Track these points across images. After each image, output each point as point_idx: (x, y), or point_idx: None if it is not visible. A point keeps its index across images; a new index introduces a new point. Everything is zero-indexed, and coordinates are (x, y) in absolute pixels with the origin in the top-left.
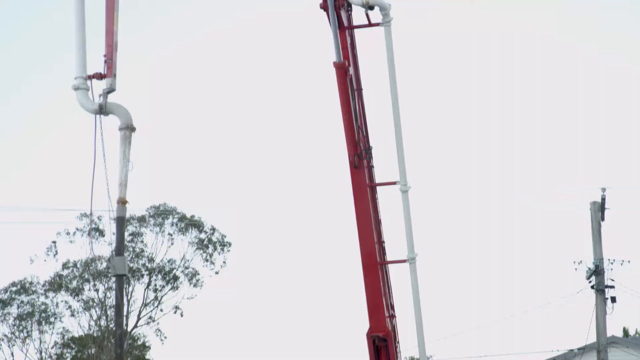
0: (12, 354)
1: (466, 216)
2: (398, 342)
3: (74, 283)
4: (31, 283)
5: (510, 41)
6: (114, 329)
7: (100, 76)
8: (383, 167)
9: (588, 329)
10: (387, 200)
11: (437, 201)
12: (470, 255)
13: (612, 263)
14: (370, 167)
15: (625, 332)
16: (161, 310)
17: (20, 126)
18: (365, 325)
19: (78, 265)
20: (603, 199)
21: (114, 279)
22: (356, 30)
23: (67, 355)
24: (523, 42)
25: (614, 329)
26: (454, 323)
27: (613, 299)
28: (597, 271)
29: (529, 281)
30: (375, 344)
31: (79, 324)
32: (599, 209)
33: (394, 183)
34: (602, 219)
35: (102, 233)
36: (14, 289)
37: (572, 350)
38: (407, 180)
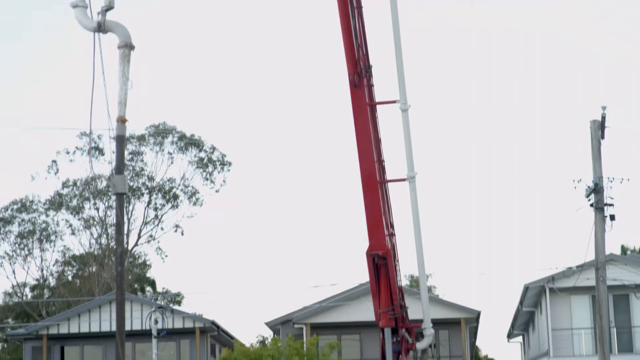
0: (13, 271)
1: (466, 135)
2: (398, 260)
3: (75, 201)
4: (32, 201)
5: None
6: (114, 247)
7: None
8: (383, 86)
9: (587, 247)
10: (387, 120)
11: (437, 120)
12: (470, 174)
13: (611, 181)
14: (370, 86)
15: (624, 249)
16: (162, 228)
17: (19, 45)
18: (365, 243)
19: (78, 184)
20: (603, 117)
21: (114, 197)
22: None
23: (69, 272)
24: None
25: (612, 247)
26: (453, 241)
27: (612, 217)
28: (596, 189)
29: (528, 199)
30: (375, 262)
31: (79, 242)
32: (599, 127)
33: (394, 102)
34: (602, 137)
35: (101, 152)
36: (14, 207)
37: (570, 267)
38: (407, 99)
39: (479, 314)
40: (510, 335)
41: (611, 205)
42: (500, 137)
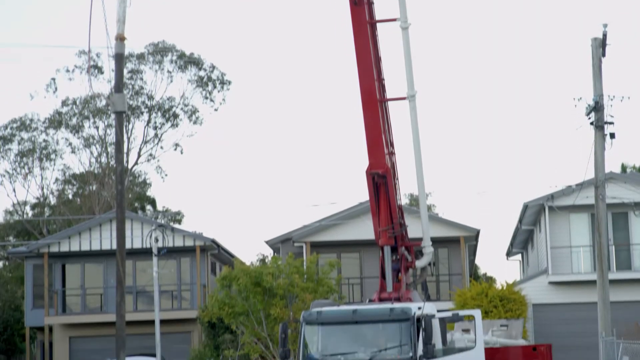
0: (13, 190)
1: (466, 53)
2: (397, 179)
3: (74, 120)
4: (31, 120)
5: None
6: (114, 165)
7: None
8: (383, 4)
9: (586, 165)
10: (387, 38)
11: (437, 39)
12: (470, 92)
13: (611, 99)
14: (370, 4)
15: (624, 167)
16: (161, 147)
17: None
18: (365, 162)
19: (78, 103)
20: (604, 35)
21: (113, 116)
22: None
23: (69, 191)
24: None
25: (612, 165)
26: (453, 160)
27: (612, 135)
28: (596, 107)
29: (529, 118)
30: (375, 180)
31: (79, 161)
32: (600, 45)
33: (394, 20)
34: (603, 55)
35: (101, 70)
36: (14, 125)
37: (570, 186)
38: (407, 17)
39: (478, 232)
40: (509, 254)
41: (611, 123)
42: (501, 55)
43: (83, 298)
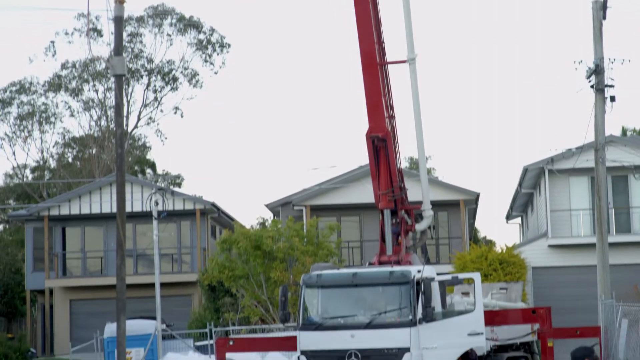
0: (13, 153)
1: (466, 16)
2: (397, 143)
3: (74, 83)
4: (31, 83)
5: None
6: (114, 129)
7: None
8: None
9: (587, 128)
10: (387, 1)
11: (437, 2)
12: (471, 56)
13: (612, 62)
14: None
15: (624, 131)
16: (161, 111)
17: None
18: (365, 125)
19: (77, 66)
20: None
21: (113, 79)
22: None
23: (69, 154)
24: None
25: (612, 128)
26: (453, 123)
27: (612, 98)
28: (597, 70)
29: (529, 81)
30: (375, 144)
31: (79, 125)
32: (601, 8)
33: None
34: (604, 17)
35: (100, 33)
36: (13, 88)
37: (570, 149)
38: None
39: (478, 195)
40: (509, 217)
41: (611, 86)
42: (501, 18)
43: (83, 261)
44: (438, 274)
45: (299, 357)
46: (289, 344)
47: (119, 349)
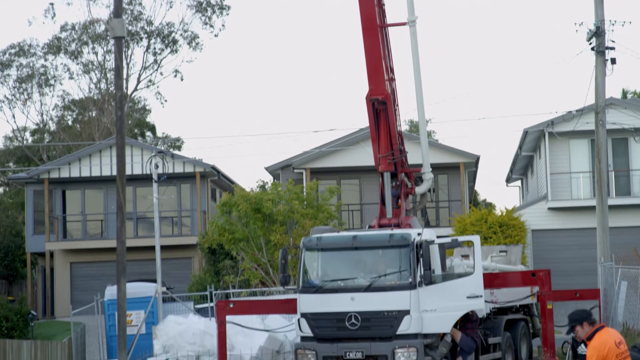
0: (13, 116)
1: None
2: (397, 105)
3: (73, 46)
4: (30, 45)
5: None
6: (113, 91)
7: None
8: None
9: (587, 91)
10: None
11: None
12: (471, 19)
13: (613, 25)
14: None
15: (624, 93)
16: (161, 74)
17: None
18: (365, 88)
19: (76, 28)
20: None
21: (112, 41)
22: None
23: (68, 117)
24: None
25: (612, 91)
26: (453, 86)
27: (613, 61)
28: (597, 33)
29: (530, 43)
30: (375, 106)
31: (79, 87)
32: None
33: None
34: None
35: None
36: (12, 51)
37: (570, 111)
38: None
39: (478, 158)
40: (509, 180)
41: (612, 48)
42: None
43: (84, 224)
44: (438, 237)
45: (299, 320)
46: (289, 307)
47: (119, 312)
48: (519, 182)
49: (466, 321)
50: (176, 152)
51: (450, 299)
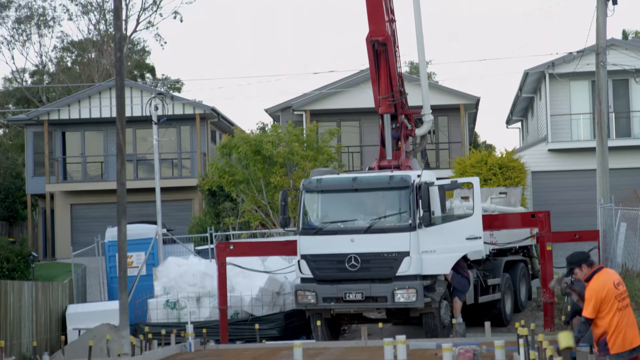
0: (12, 57)
1: None
2: (397, 47)
3: None
4: None
5: None
6: (113, 33)
7: None
8: None
9: (588, 32)
10: None
11: None
12: None
13: None
14: None
15: (625, 34)
16: (160, 15)
17: None
18: (365, 30)
19: None
20: None
21: None
22: None
23: (68, 59)
24: None
25: (613, 32)
26: (454, 27)
27: (614, 1)
28: None
29: None
30: (375, 48)
31: (78, 28)
32: None
33: None
34: None
35: None
36: None
37: (571, 53)
38: None
39: (478, 100)
40: (509, 122)
41: None
42: None
43: (84, 166)
44: (438, 179)
45: (298, 261)
46: (288, 248)
47: (120, 253)
48: (519, 124)
49: (457, 261)
50: (176, 94)
51: (449, 240)
